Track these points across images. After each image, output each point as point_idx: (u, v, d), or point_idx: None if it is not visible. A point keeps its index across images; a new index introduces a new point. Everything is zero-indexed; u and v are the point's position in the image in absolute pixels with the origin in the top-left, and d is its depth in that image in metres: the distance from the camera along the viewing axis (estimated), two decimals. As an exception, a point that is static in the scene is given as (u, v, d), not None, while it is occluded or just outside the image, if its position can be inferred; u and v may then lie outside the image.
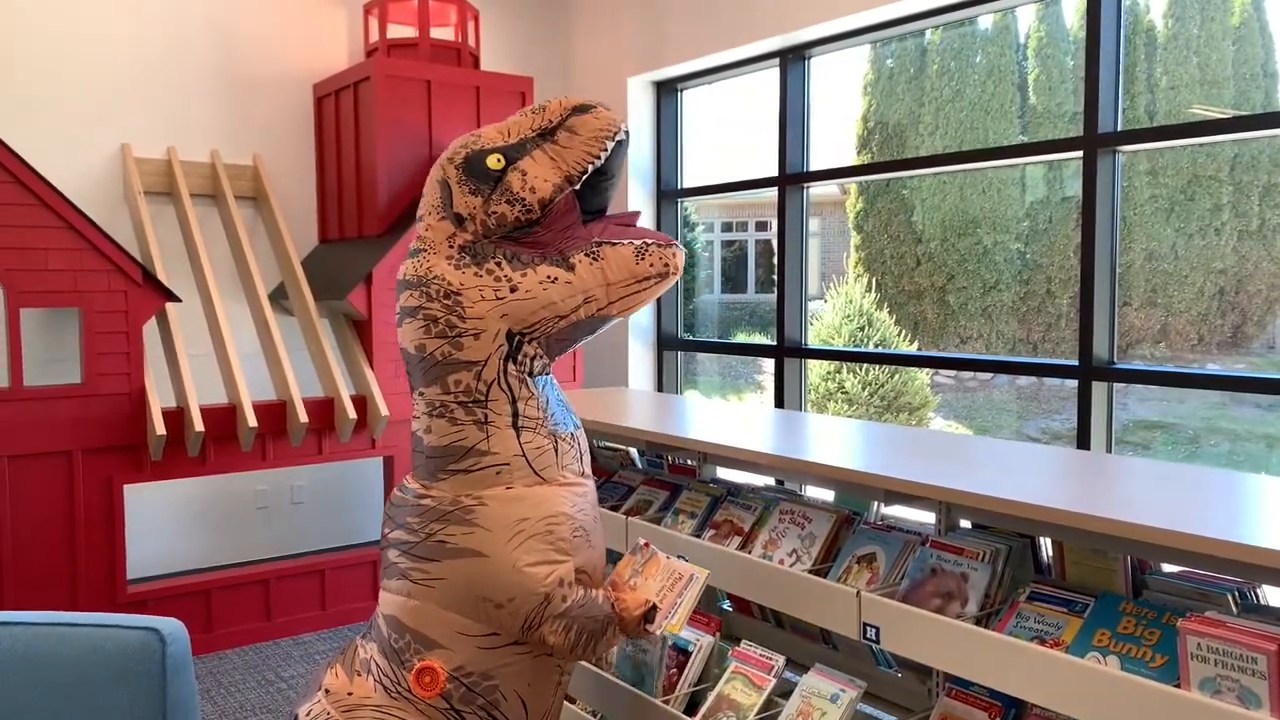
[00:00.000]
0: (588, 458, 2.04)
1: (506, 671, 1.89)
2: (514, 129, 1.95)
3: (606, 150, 1.90)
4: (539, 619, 1.84)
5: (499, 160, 1.89)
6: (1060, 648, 1.67)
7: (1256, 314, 6.88)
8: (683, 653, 2.27)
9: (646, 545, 2.04)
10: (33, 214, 3.29)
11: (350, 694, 1.93)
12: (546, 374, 2.00)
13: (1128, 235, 7.00)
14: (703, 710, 2.10)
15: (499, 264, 1.89)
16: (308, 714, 1.94)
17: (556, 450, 1.94)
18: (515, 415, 1.92)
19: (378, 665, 1.93)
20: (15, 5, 3.79)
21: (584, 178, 1.91)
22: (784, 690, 2.07)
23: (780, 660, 2.08)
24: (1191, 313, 7.00)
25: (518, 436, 1.91)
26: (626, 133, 1.96)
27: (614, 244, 1.92)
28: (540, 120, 1.93)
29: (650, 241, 1.94)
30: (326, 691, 1.96)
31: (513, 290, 1.88)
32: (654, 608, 1.92)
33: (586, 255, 1.91)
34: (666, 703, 2.17)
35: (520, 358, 1.92)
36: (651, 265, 1.93)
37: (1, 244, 3.23)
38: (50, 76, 3.87)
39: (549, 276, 1.89)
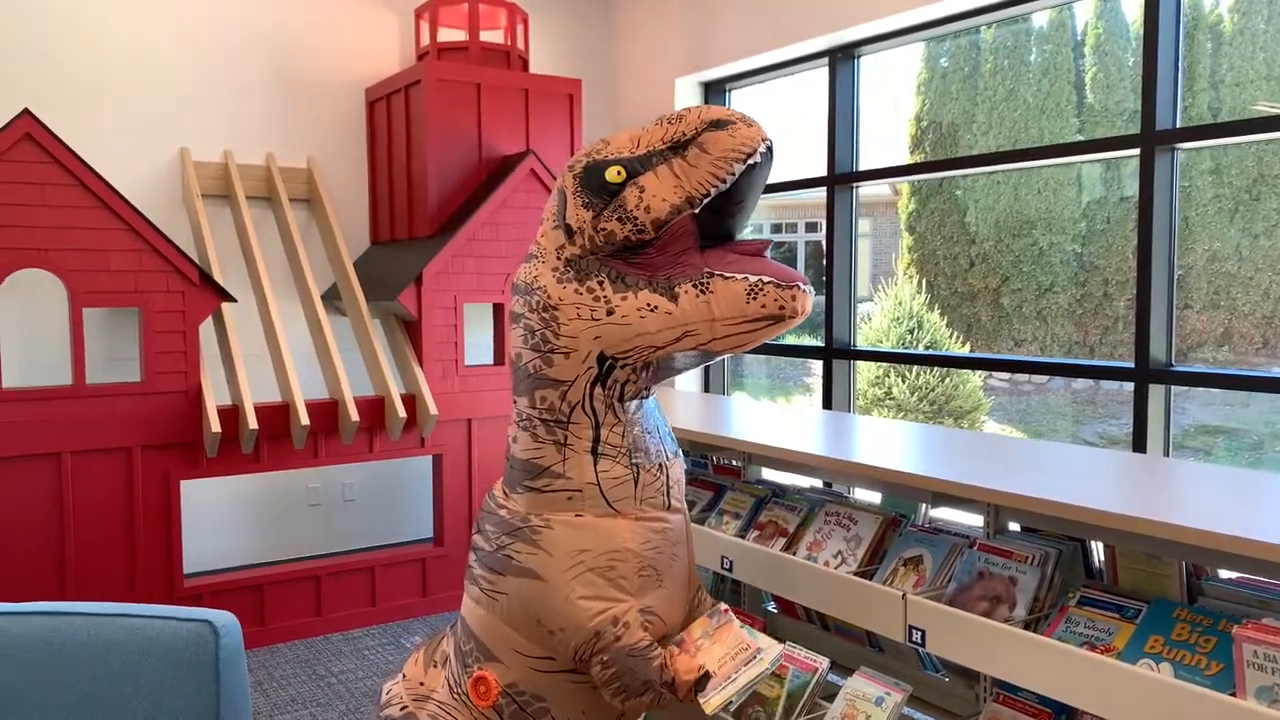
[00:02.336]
0: (680, 488, 1.93)
1: (559, 696, 1.84)
2: (646, 138, 1.79)
3: (734, 174, 1.69)
4: (588, 653, 1.78)
5: (619, 173, 1.74)
6: (1111, 654, 1.63)
7: (1325, 316, 6.68)
8: None
9: (726, 611, 1.94)
10: (95, 216, 3.38)
11: (422, 684, 1.98)
12: (646, 396, 1.89)
13: (1190, 236, 6.84)
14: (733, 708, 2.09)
15: (601, 283, 1.77)
16: (388, 691, 2.03)
17: (636, 481, 1.84)
18: (596, 441, 1.83)
19: (451, 662, 1.95)
20: (78, 14, 3.90)
21: (706, 201, 1.72)
22: (829, 693, 2.05)
23: (825, 662, 2.07)
24: (1256, 315, 6.81)
25: (595, 464, 1.82)
26: (768, 151, 1.73)
27: (726, 277, 1.73)
28: (674, 131, 1.75)
29: (768, 280, 1.72)
30: (404, 676, 2.03)
31: (609, 313, 1.76)
32: (707, 675, 1.78)
33: (694, 286, 1.73)
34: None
35: (610, 382, 1.81)
36: (764, 306, 1.71)
37: (65, 245, 3.33)
38: (111, 83, 3.98)
39: (649, 304, 1.74)
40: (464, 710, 1.89)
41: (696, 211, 1.73)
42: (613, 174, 1.75)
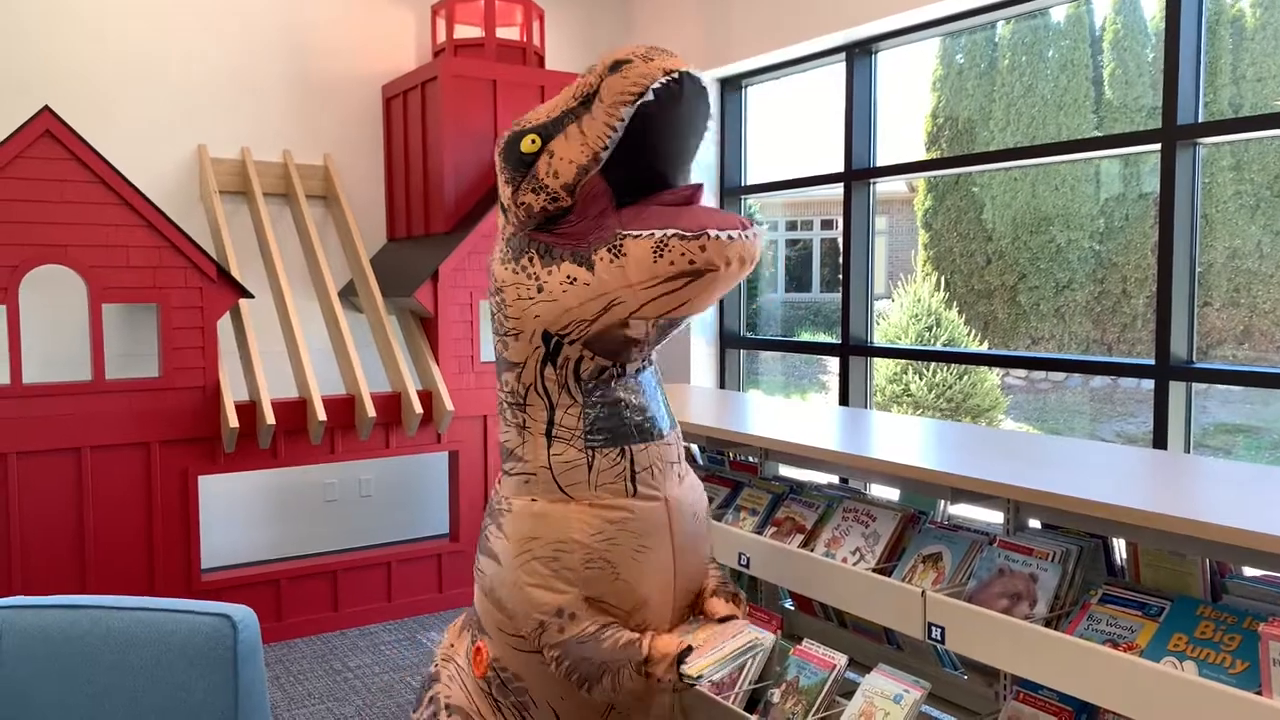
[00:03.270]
0: (656, 474, 1.77)
1: (535, 678, 1.83)
2: (559, 100, 1.69)
3: (623, 119, 1.56)
4: (537, 641, 1.76)
5: (533, 142, 1.66)
6: (1134, 652, 1.62)
7: (1347, 314, 6.63)
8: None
9: (699, 615, 1.89)
10: (115, 213, 3.40)
11: (452, 645, 2.03)
12: (619, 375, 1.76)
13: (1210, 233, 6.79)
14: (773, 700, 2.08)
15: (531, 259, 1.69)
16: (438, 647, 2.09)
17: (591, 466, 1.73)
18: (550, 424, 1.75)
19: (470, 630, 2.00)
20: (95, 13, 3.92)
21: (608, 153, 1.59)
22: (846, 690, 2.04)
23: (842, 659, 2.05)
24: (1277, 313, 6.75)
25: (548, 447, 1.75)
26: (677, 85, 1.55)
27: (636, 236, 1.59)
28: (583, 85, 1.64)
29: (672, 232, 1.56)
30: (445, 636, 2.10)
31: (540, 290, 1.68)
32: (689, 649, 1.68)
33: (609, 250, 1.61)
34: (726, 699, 2.16)
35: (560, 360, 1.73)
36: (672, 263, 1.57)
37: (85, 241, 3.35)
38: (131, 82, 4.00)
39: (569, 277, 1.65)
40: (468, 676, 1.93)
41: (600, 167, 1.61)
42: (527, 144, 1.67)
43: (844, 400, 4.19)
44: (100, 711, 1.68)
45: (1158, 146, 3.07)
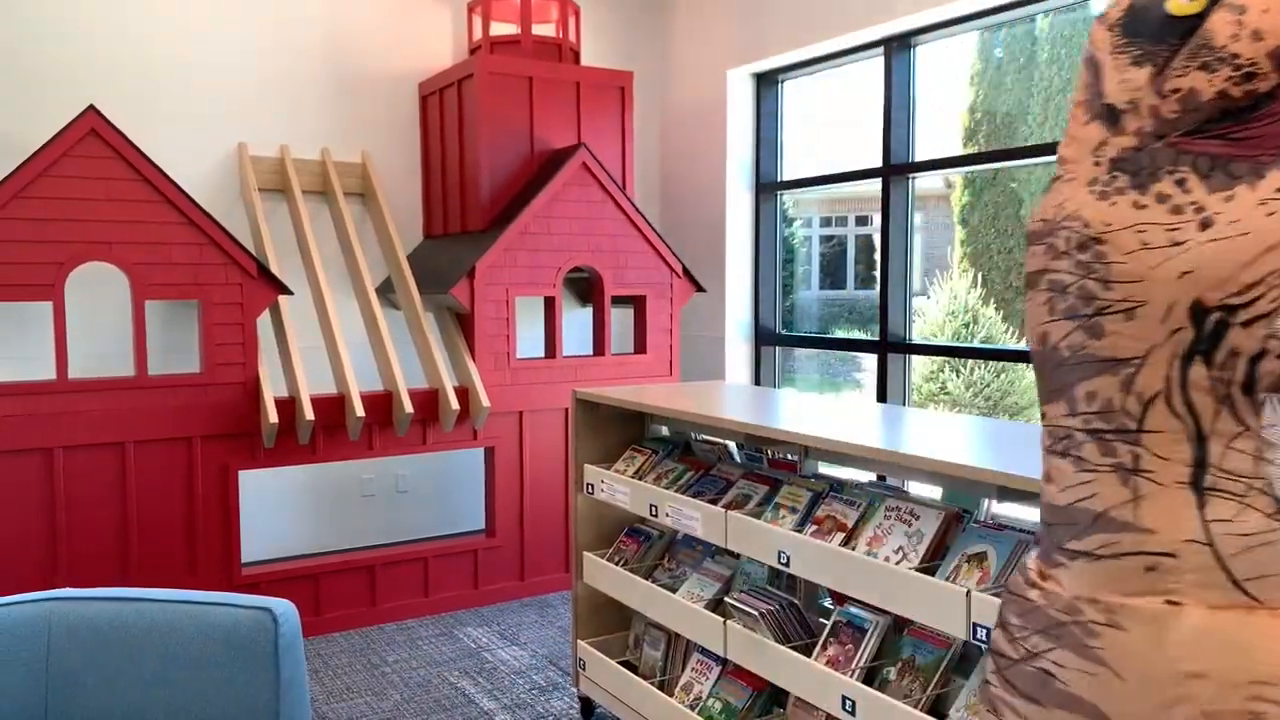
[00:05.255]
0: None
1: None
2: None
3: None
4: None
5: None
6: (1188, 654, 1.58)
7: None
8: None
9: None
10: (158, 211, 3.44)
11: None
12: None
13: (1254, 228, 6.64)
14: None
15: (1181, 181, 1.04)
16: None
17: None
18: (1200, 465, 1.02)
19: None
20: (137, 12, 3.97)
21: None
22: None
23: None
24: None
25: (1200, 507, 1.02)
26: None
27: None
28: None
29: None
30: None
31: (1204, 226, 1.01)
32: None
33: None
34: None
35: (1222, 356, 1.01)
36: None
37: (129, 239, 3.39)
38: (173, 81, 4.05)
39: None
40: None
41: None
42: (1178, 3, 1.03)
43: (881, 397, 4.15)
44: (145, 700, 1.70)
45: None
